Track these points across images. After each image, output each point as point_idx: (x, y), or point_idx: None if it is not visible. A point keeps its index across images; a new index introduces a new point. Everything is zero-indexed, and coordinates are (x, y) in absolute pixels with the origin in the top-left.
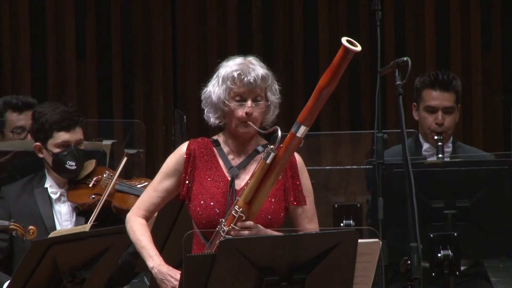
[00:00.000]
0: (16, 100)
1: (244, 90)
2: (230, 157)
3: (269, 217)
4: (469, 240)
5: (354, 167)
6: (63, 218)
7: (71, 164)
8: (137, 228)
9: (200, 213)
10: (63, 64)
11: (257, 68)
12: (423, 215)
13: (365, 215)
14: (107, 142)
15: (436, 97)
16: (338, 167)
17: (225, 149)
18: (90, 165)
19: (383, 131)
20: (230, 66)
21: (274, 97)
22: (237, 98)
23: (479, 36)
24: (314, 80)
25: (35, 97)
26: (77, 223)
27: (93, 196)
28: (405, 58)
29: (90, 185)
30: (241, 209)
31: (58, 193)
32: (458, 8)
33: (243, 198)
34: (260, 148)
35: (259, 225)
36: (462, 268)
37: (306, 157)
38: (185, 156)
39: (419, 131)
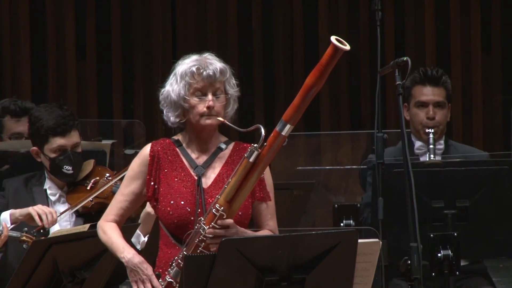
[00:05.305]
0: (14, 106)
1: (204, 84)
2: (194, 156)
3: (240, 213)
4: (469, 240)
5: (354, 167)
6: (63, 218)
7: (67, 169)
8: (106, 228)
9: (171, 212)
10: (63, 64)
11: (214, 62)
12: (423, 215)
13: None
14: (107, 142)
15: (426, 92)
16: (338, 167)
17: (188, 148)
18: (88, 165)
19: (383, 131)
20: (187, 63)
21: (233, 90)
22: (198, 94)
23: (479, 36)
24: None
25: (35, 97)
26: (76, 224)
27: (92, 200)
28: (405, 58)
29: (88, 188)
30: (222, 207)
31: (58, 194)
32: (458, 8)
33: (224, 197)
34: (222, 145)
35: (237, 226)
36: (462, 263)
37: (306, 157)
38: (149, 157)
39: (411, 130)
